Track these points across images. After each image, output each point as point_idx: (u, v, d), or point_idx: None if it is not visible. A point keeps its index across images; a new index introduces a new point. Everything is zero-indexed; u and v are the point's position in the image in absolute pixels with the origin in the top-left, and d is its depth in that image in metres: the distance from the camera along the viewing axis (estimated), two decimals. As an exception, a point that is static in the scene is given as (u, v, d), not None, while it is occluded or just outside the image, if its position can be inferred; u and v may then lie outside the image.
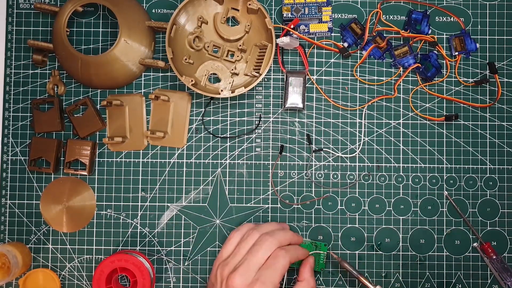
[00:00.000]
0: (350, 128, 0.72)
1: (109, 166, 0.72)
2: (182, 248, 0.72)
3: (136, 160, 0.73)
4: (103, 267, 0.67)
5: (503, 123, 0.72)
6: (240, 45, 0.71)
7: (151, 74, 0.73)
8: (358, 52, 0.73)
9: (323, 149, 0.72)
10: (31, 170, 0.72)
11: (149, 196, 0.72)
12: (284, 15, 0.72)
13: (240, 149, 0.73)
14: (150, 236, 0.72)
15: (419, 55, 0.73)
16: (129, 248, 0.72)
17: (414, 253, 0.72)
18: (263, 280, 0.61)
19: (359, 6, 0.73)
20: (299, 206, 0.72)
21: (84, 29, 0.73)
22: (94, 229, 0.72)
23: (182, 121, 0.72)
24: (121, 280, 0.71)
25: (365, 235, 0.72)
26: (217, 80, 0.72)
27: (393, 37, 0.72)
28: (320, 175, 0.72)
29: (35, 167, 0.71)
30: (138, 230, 0.72)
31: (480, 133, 0.72)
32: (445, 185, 0.72)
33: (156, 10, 0.74)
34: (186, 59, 0.70)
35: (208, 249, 0.72)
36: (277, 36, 0.70)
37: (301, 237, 0.69)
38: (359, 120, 0.73)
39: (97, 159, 0.73)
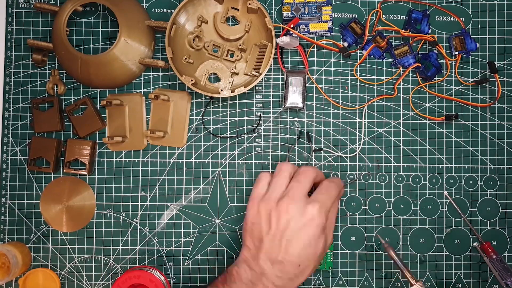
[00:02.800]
0: (350, 128, 0.72)
1: (109, 166, 0.72)
2: (182, 248, 0.72)
3: (136, 159, 0.73)
4: (120, 283, 0.66)
5: (503, 123, 0.72)
6: (240, 45, 0.71)
7: (151, 73, 0.73)
8: (358, 51, 0.73)
9: (323, 148, 0.72)
10: (31, 169, 0.72)
11: (149, 195, 0.72)
12: (284, 14, 0.72)
13: (240, 148, 0.73)
14: (150, 236, 0.72)
15: (419, 55, 0.73)
16: (129, 247, 0.72)
17: (414, 252, 0.72)
18: (319, 201, 0.62)
19: (359, 5, 0.73)
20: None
21: (84, 28, 0.73)
22: (94, 229, 0.72)
23: (182, 120, 0.72)
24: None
25: (365, 234, 0.72)
26: (217, 79, 0.72)
27: (393, 36, 0.72)
28: (320, 175, 0.72)
29: (35, 166, 0.71)
30: (138, 230, 0.72)
31: (480, 132, 0.72)
32: (445, 184, 0.72)
33: (156, 9, 0.74)
34: (186, 58, 0.70)
35: (208, 249, 0.72)
36: (277, 36, 0.70)
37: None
38: (359, 120, 0.72)
39: (97, 158, 0.73)
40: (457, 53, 0.72)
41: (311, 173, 0.65)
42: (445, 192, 0.72)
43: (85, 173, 0.71)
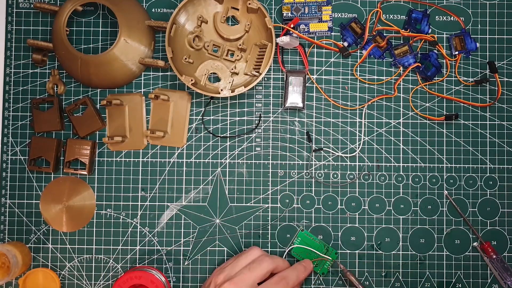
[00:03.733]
0: (350, 128, 0.72)
1: (109, 166, 0.72)
2: (182, 248, 0.72)
3: (136, 159, 0.73)
4: (121, 283, 0.66)
5: (503, 123, 0.72)
6: (240, 45, 0.71)
7: (151, 73, 0.73)
8: (358, 51, 0.73)
9: (323, 148, 0.72)
10: (31, 169, 0.72)
11: (149, 195, 0.72)
12: (284, 14, 0.72)
13: (240, 148, 0.73)
14: (150, 235, 0.72)
15: (419, 55, 0.73)
16: (129, 247, 0.72)
17: (414, 252, 0.72)
18: None
19: (359, 5, 0.73)
20: (299, 206, 0.72)
21: (83, 28, 0.73)
22: (94, 229, 0.72)
23: (182, 120, 0.72)
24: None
25: (365, 234, 0.72)
26: (217, 79, 0.72)
27: (393, 36, 0.72)
28: (320, 175, 0.72)
29: (35, 166, 0.71)
30: (138, 230, 0.72)
31: (480, 132, 0.72)
32: (445, 184, 0.72)
33: (156, 9, 0.74)
34: (186, 58, 0.70)
35: (208, 248, 0.72)
36: (277, 36, 0.70)
37: (308, 266, 0.68)
38: (359, 120, 0.72)
39: (97, 158, 0.73)
40: (457, 53, 0.72)
41: (266, 265, 0.64)
42: (445, 192, 0.72)
43: (85, 173, 0.71)
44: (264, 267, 0.64)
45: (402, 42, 0.72)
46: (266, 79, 0.73)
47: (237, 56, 0.71)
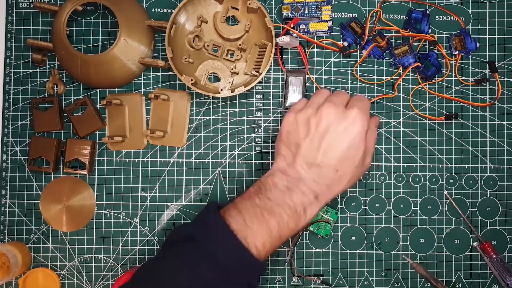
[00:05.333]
0: (350, 128, 0.72)
1: (109, 166, 0.72)
2: (182, 248, 0.72)
3: (136, 159, 0.73)
4: (121, 282, 0.66)
5: (503, 122, 0.72)
6: (240, 44, 0.71)
7: (151, 73, 0.73)
8: (358, 51, 0.73)
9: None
10: (30, 169, 0.72)
11: (149, 195, 0.72)
12: (284, 14, 0.72)
13: (240, 148, 0.73)
14: (150, 235, 0.72)
15: (419, 54, 0.72)
16: (129, 247, 0.72)
17: (414, 252, 0.72)
18: (358, 106, 0.61)
19: (359, 5, 0.73)
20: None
21: (83, 28, 0.73)
22: (94, 229, 0.72)
23: (182, 120, 0.72)
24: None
25: (365, 234, 0.72)
26: (217, 79, 0.72)
27: (393, 36, 0.72)
28: (320, 175, 0.72)
29: (34, 166, 0.71)
30: (138, 230, 0.72)
31: (480, 132, 0.72)
32: (445, 184, 0.72)
33: (156, 9, 0.74)
34: (186, 58, 0.70)
35: (208, 248, 0.72)
36: (277, 35, 0.70)
37: None
38: (359, 120, 0.72)
39: (96, 158, 0.72)
40: (457, 52, 0.72)
41: (345, 96, 0.64)
42: (445, 192, 0.72)
43: (85, 172, 0.71)
44: (345, 98, 0.64)
45: (402, 42, 0.72)
46: (266, 79, 0.73)
47: (237, 56, 0.71)
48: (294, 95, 0.71)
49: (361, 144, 0.61)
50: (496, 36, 0.73)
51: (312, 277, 0.71)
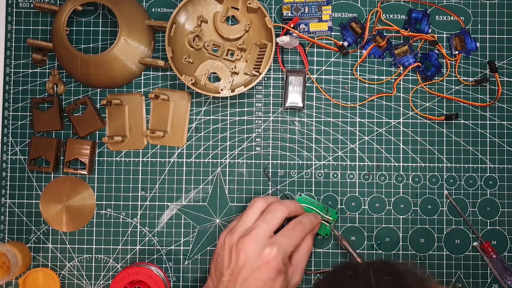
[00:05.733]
0: (350, 127, 0.72)
1: (109, 166, 0.72)
2: (182, 248, 0.72)
3: (136, 159, 0.73)
4: (119, 280, 0.66)
5: (503, 122, 0.72)
6: (240, 44, 0.71)
7: (151, 73, 0.73)
8: (358, 51, 0.73)
9: (323, 147, 0.72)
10: (30, 169, 0.72)
11: (149, 195, 0.72)
12: (284, 14, 0.72)
13: (240, 148, 0.73)
14: (150, 235, 0.72)
15: (419, 54, 0.72)
16: (129, 247, 0.72)
17: (414, 252, 0.72)
18: (278, 244, 0.61)
19: (359, 5, 0.73)
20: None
21: (83, 28, 0.73)
22: (94, 229, 0.72)
23: (181, 120, 0.72)
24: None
25: (365, 234, 0.72)
26: (217, 79, 0.72)
27: (393, 36, 0.72)
28: (320, 174, 0.72)
29: (34, 166, 0.71)
30: (138, 230, 0.72)
31: (480, 132, 0.72)
32: (445, 184, 0.72)
33: (156, 9, 0.74)
34: (186, 58, 0.70)
35: (208, 248, 0.72)
36: (277, 35, 0.70)
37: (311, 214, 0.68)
38: (359, 119, 0.72)
39: (96, 158, 0.72)
40: (457, 52, 0.72)
41: (280, 214, 0.64)
42: (445, 192, 0.72)
43: (85, 172, 0.71)
44: (279, 216, 0.63)
45: (402, 41, 0.72)
46: (266, 79, 0.73)
47: (237, 55, 0.71)
48: (294, 95, 0.71)
49: (276, 280, 0.61)
50: (496, 36, 0.73)
51: (313, 273, 0.71)
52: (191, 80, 0.68)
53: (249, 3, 0.69)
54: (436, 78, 0.72)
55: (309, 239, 0.66)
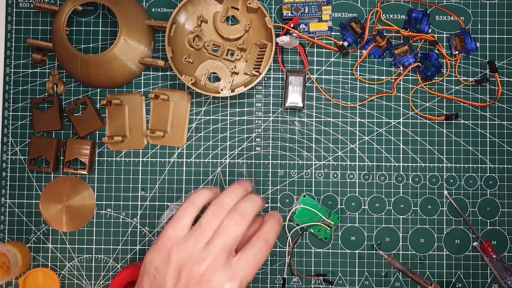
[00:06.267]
0: (350, 127, 0.72)
1: (109, 166, 0.72)
2: (182, 248, 0.72)
3: (136, 159, 0.73)
4: (119, 279, 0.66)
5: (503, 122, 0.72)
6: (240, 44, 0.71)
7: (151, 73, 0.73)
8: (358, 51, 0.73)
9: (323, 147, 0.72)
10: (30, 169, 0.72)
11: (149, 195, 0.72)
12: (284, 14, 0.72)
13: (240, 148, 0.73)
14: (150, 235, 0.72)
15: (419, 54, 0.72)
16: (129, 247, 0.72)
17: (414, 252, 0.72)
18: (241, 278, 0.52)
19: (359, 5, 0.73)
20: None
21: (83, 28, 0.73)
22: (94, 229, 0.72)
23: (181, 120, 0.72)
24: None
25: (365, 234, 0.72)
26: (217, 79, 0.72)
27: (393, 36, 0.72)
28: (320, 174, 0.72)
29: (34, 166, 0.71)
30: (138, 230, 0.72)
31: (480, 132, 0.72)
32: (445, 184, 0.72)
33: (156, 9, 0.74)
34: (185, 58, 0.70)
35: (208, 248, 0.72)
36: (277, 35, 0.70)
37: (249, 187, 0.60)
38: (359, 119, 0.72)
39: (96, 158, 0.72)
40: (457, 52, 0.72)
41: (242, 227, 0.53)
42: (445, 192, 0.72)
43: (85, 172, 0.71)
44: (239, 231, 0.53)
45: (402, 41, 0.72)
46: (266, 78, 0.73)
47: (237, 55, 0.71)
48: (294, 95, 0.71)
49: None
50: (496, 36, 0.73)
51: (313, 277, 0.71)
52: (191, 80, 0.68)
53: (249, 3, 0.69)
54: (436, 78, 0.72)
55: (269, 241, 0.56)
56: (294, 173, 0.72)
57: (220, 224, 0.54)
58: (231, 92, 0.69)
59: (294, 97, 0.71)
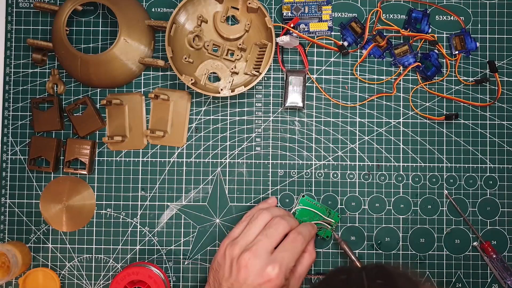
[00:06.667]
0: (350, 127, 0.72)
1: (109, 165, 0.72)
2: (182, 248, 0.72)
3: (136, 159, 0.72)
4: (119, 279, 0.66)
5: (503, 122, 0.72)
6: (240, 44, 0.71)
7: (151, 73, 0.73)
8: (358, 51, 0.73)
9: (323, 147, 0.72)
10: (30, 169, 0.72)
11: (149, 195, 0.72)
12: (284, 14, 0.72)
13: (240, 148, 0.73)
14: (150, 235, 0.72)
15: (419, 54, 0.72)
16: (129, 247, 0.72)
17: (414, 252, 0.72)
18: (280, 262, 0.61)
19: (359, 5, 0.73)
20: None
21: (83, 28, 0.73)
22: (94, 229, 0.72)
23: (181, 120, 0.72)
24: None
25: (365, 234, 0.72)
26: (217, 79, 0.72)
27: (393, 36, 0.72)
28: (320, 174, 0.72)
29: (34, 166, 0.71)
30: (138, 229, 0.72)
31: (480, 132, 0.72)
32: (445, 184, 0.72)
33: (156, 9, 0.74)
34: (185, 58, 0.70)
35: (208, 248, 0.72)
36: (277, 35, 0.70)
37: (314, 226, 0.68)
38: (359, 119, 0.72)
39: (96, 158, 0.72)
40: (457, 52, 0.72)
41: (282, 229, 0.63)
42: (445, 192, 0.72)
43: (85, 172, 0.71)
44: (281, 231, 0.63)
45: (402, 41, 0.72)
46: (266, 78, 0.73)
47: (237, 55, 0.71)
48: (294, 95, 0.71)
49: None
50: (496, 36, 0.73)
51: (313, 276, 0.71)
52: (191, 80, 0.68)
53: (249, 3, 0.69)
54: (436, 78, 0.72)
55: (312, 250, 0.66)
56: (294, 173, 0.72)
57: (266, 226, 0.64)
58: (231, 92, 0.69)
59: (294, 97, 0.71)
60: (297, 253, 0.63)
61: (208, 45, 0.71)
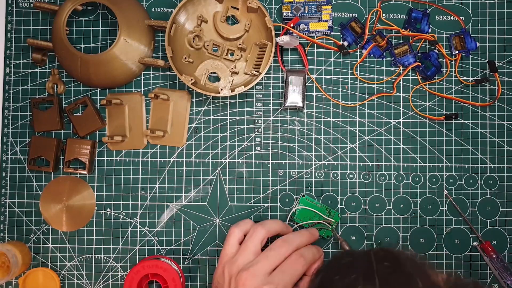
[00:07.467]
0: (350, 127, 0.72)
1: (109, 165, 0.72)
2: (182, 247, 0.72)
3: (136, 159, 0.73)
4: (134, 273, 0.66)
5: (503, 122, 0.72)
6: (240, 44, 0.71)
7: (151, 73, 0.73)
8: (358, 51, 0.73)
9: (323, 147, 0.72)
10: (30, 169, 0.72)
11: (149, 195, 0.72)
12: (284, 13, 0.72)
13: (240, 148, 0.73)
14: (150, 235, 0.72)
15: (419, 54, 0.72)
16: (129, 246, 0.72)
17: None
18: (277, 284, 0.60)
19: (359, 4, 0.73)
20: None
21: (83, 28, 0.73)
22: (94, 228, 0.72)
23: (181, 120, 0.72)
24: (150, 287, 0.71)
25: (365, 234, 0.72)
26: (217, 79, 0.72)
27: (393, 35, 0.72)
28: (320, 174, 0.72)
29: (34, 166, 0.71)
30: (138, 229, 0.72)
31: (480, 132, 0.72)
32: (445, 184, 0.72)
33: (156, 9, 0.74)
34: (185, 58, 0.70)
35: (208, 248, 0.72)
36: (277, 35, 0.70)
37: (315, 233, 0.68)
38: (359, 119, 0.72)
39: (96, 158, 0.72)
40: (457, 52, 0.72)
41: (284, 252, 0.62)
42: (445, 192, 0.72)
43: (85, 172, 0.71)
44: (282, 254, 0.62)
45: (402, 41, 0.72)
46: (266, 78, 0.73)
47: (237, 55, 0.71)
48: (294, 95, 0.71)
49: None
50: (496, 36, 0.73)
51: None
52: (191, 80, 0.68)
53: (249, 3, 0.69)
54: (436, 78, 0.72)
55: (314, 265, 0.65)
56: (294, 173, 0.72)
57: (268, 248, 0.63)
58: (231, 92, 0.69)
59: (294, 97, 0.71)
60: (297, 275, 0.62)
61: (208, 45, 0.71)
